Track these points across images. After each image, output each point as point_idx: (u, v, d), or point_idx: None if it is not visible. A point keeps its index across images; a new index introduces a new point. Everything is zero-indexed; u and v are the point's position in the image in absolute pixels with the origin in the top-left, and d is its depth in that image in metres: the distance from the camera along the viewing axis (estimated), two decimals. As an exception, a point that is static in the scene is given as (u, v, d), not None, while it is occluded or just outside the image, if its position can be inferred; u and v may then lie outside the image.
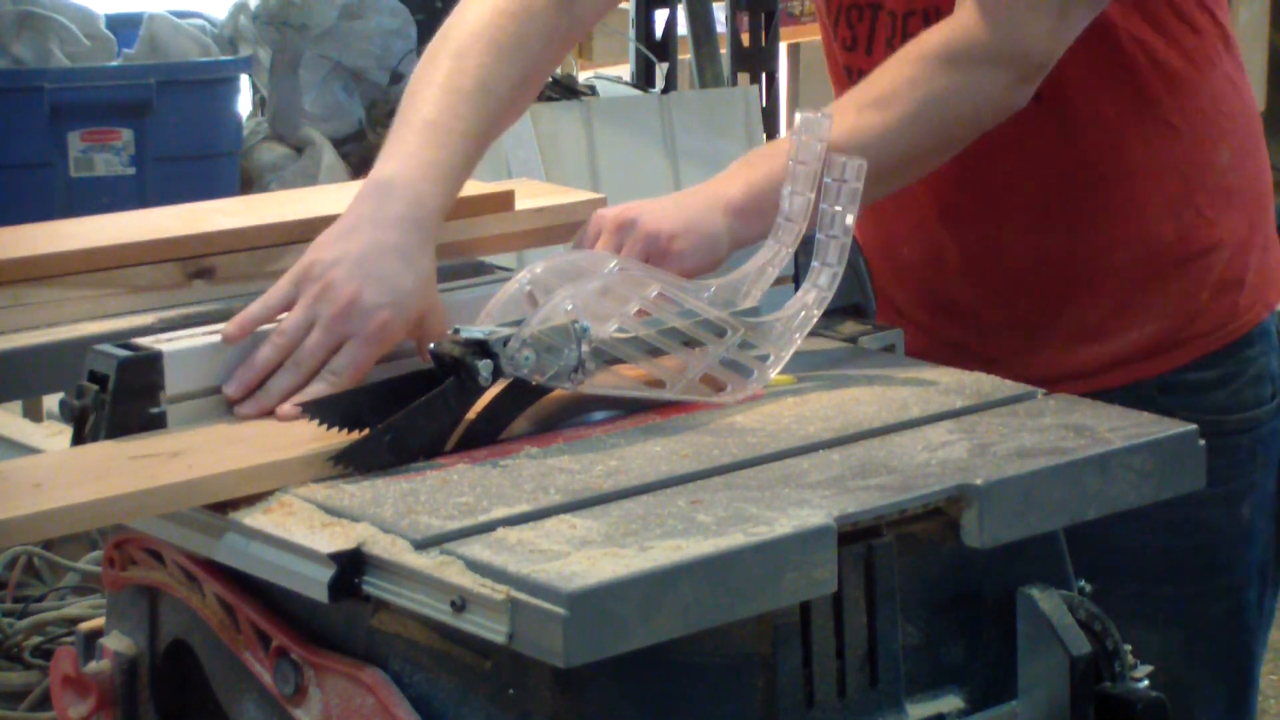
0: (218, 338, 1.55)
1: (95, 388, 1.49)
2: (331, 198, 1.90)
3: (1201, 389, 1.91)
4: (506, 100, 1.78)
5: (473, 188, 2.04)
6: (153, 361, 1.50)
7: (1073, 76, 1.83)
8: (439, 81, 1.73)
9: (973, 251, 1.91)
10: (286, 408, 1.52)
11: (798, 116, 1.65)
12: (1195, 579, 1.86)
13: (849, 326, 1.74)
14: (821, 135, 1.63)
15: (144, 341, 1.53)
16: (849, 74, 1.94)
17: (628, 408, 1.54)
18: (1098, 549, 1.56)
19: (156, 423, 1.49)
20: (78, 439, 1.49)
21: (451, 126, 1.70)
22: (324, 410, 1.45)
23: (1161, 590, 1.86)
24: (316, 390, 1.53)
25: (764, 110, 5.71)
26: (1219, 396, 1.91)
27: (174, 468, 1.39)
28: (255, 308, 1.57)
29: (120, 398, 1.48)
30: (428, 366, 1.49)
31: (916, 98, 1.71)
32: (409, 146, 1.68)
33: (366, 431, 1.43)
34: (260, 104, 5.34)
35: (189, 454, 1.42)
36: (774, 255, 1.66)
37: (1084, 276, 1.90)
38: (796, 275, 1.69)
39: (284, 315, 1.58)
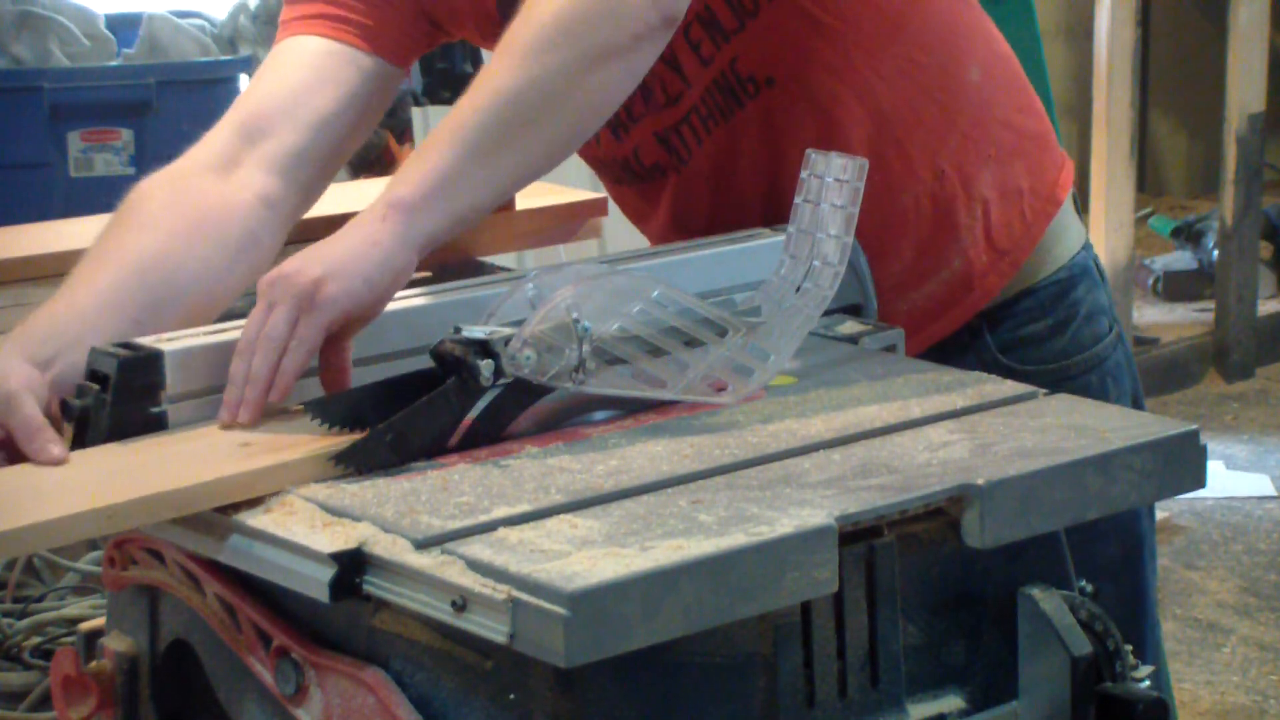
0: (219, 338, 1.55)
1: (96, 387, 1.49)
2: (330, 198, 1.90)
3: (1040, 341, 1.95)
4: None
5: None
6: (154, 361, 1.50)
7: (792, 46, 1.86)
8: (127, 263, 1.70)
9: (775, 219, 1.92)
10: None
11: (807, 155, 1.64)
12: None
13: (849, 326, 1.74)
14: (831, 174, 1.62)
15: (145, 341, 1.53)
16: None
17: (629, 407, 1.54)
18: None
19: (158, 423, 1.49)
20: (79, 438, 1.49)
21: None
22: (325, 409, 1.45)
23: None
24: None
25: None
26: (1059, 344, 1.96)
27: None
28: None
29: (121, 397, 1.48)
30: (429, 366, 1.49)
31: (544, 23, 1.64)
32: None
33: (368, 431, 1.43)
34: (260, 104, 5.34)
35: None
36: (778, 290, 1.65)
37: (883, 227, 1.91)
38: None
39: None
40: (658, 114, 1.93)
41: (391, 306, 1.62)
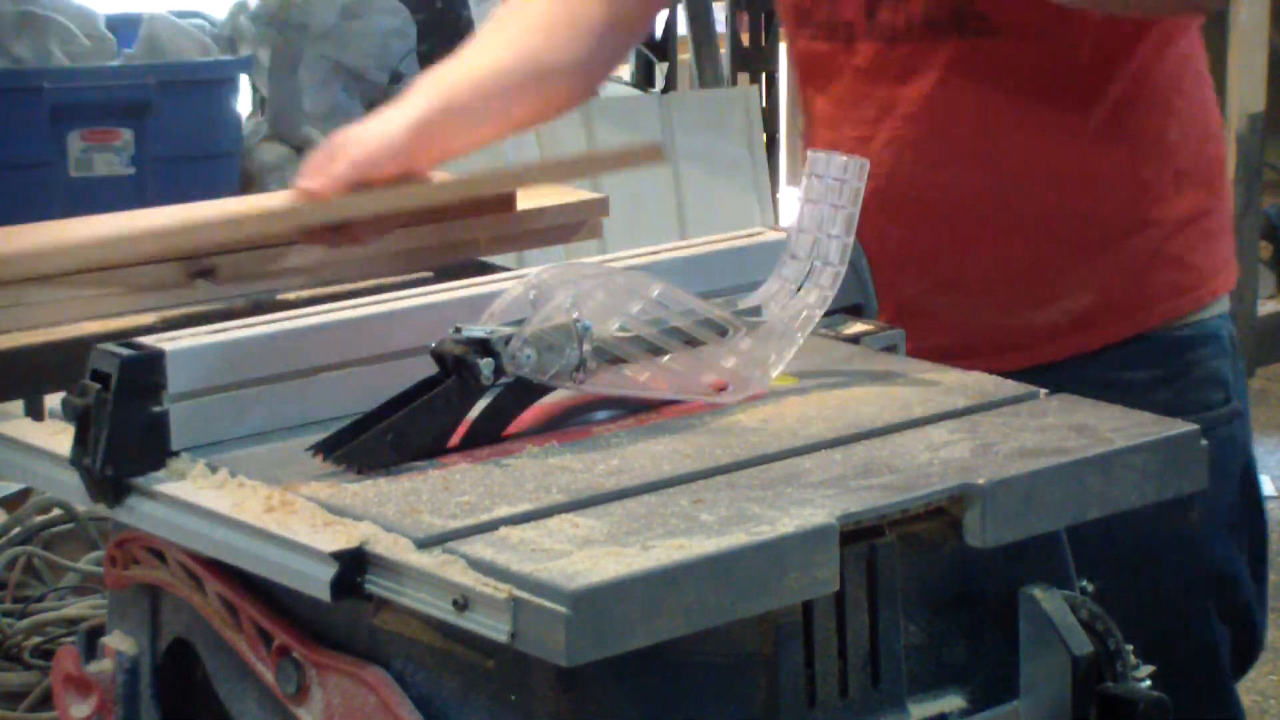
0: (220, 338, 1.55)
1: (98, 387, 1.49)
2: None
3: (1143, 388, 1.90)
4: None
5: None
6: (156, 360, 1.50)
7: (1019, 48, 1.86)
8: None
9: (927, 199, 1.92)
10: None
11: (809, 156, 1.64)
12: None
13: (850, 326, 1.74)
14: (832, 174, 1.62)
15: (147, 340, 1.53)
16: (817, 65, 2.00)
17: (629, 407, 1.54)
18: None
19: (160, 422, 1.49)
20: (80, 438, 1.49)
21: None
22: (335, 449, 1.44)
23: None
24: None
25: (764, 110, 5.71)
26: (1163, 396, 1.91)
27: None
28: None
29: (123, 397, 1.48)
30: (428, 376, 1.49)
31: None
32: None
33: (369, 431, 1.43)
34: (260, 104, 5.34)
35: None
36: (779, 290, 1.65)
37: (1030, 241, 1.91)
38: (798, 275, 1.69)
39: None
40: None
41: (392, 307, 1.62)
